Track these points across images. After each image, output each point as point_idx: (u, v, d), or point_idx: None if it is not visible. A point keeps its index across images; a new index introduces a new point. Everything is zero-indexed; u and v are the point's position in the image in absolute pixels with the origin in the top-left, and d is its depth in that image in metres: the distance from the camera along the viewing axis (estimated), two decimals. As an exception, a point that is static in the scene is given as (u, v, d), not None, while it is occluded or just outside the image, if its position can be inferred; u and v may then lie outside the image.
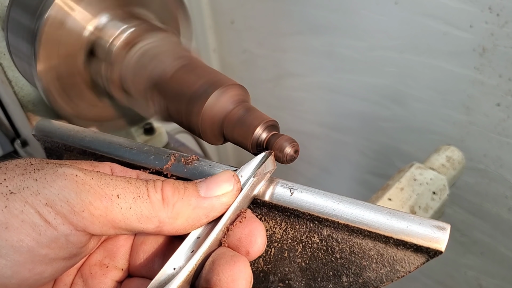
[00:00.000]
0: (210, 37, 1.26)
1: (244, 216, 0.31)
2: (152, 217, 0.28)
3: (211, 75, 0.39)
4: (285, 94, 1.16)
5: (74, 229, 0.27)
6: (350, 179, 1.15)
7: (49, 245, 0.26)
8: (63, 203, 0.27)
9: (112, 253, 0.33)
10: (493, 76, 0.70)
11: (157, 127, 0.70)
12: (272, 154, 0.33)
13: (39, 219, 0.26)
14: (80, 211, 0.27)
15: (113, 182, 0.28)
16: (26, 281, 0.26)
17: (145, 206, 0.28)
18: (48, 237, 0.26)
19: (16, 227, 0.25)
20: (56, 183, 0.27)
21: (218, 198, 0.30)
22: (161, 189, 0.29)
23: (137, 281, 0.32)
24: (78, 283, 0.32)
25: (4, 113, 0.66)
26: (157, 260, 0.32)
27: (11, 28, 0.47)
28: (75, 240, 0.28)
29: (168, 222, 0.29)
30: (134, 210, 0.28)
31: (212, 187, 0.30)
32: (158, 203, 0.29)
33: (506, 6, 0.63)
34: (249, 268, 0.28)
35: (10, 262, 0.25)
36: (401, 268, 0.29)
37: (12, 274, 0.25)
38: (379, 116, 0.94)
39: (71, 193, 0.27)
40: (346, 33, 0.89)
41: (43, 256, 0.26)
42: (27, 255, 0.26)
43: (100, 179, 0.28)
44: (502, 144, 0.75)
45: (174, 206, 0.29)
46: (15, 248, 0.25)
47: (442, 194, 0.56)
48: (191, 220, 0.29)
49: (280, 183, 0.32)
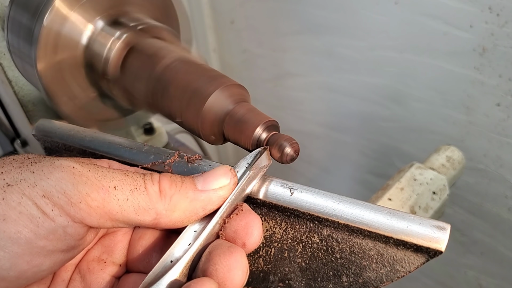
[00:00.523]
0: (210, 37, 1.25)
1: (241, 209, 0.31)
2: (149, 209, 0.29)
3: (211, 75, 0.39)
4: (285, 94, 1.16)
5: (72, 221, 0.27)
6: (350, 179, 1.15)
7: (47, 236, 0.26)
8: (60, 194, 0.27)
9: (110, 248, 0.33)
10: (493, 76, 0.70)
11: (157, 127, 0.70)
12: (267, 149, 0.34)
13: (36, 211, 0.26)
14: (77, 202, 0.27)
15: (110, 174, 0.29)
16: (24, 274, 0.26)
17: (142, 198, 0.29)
18: (45, 229, 0.26)
19: (14, 219, 0.25)
20: (53, 175, 0.27)
21: (215, 191, 0.30)
22: (158, 182, 0.29)
23: (135, 276, 0.33)
24: (76, 278, 0.32)
25: (4, 113, 0.66)
26: (155, 255, 0.33)
27: (11, 28, 0.47)
28: (72, 232, 0.28)
29: (165, 215, 0.29)
30: (131, 202, 0.28)
31: (209, 180, 0.30)
32: (155, 195, 0.29)
33: (506, 6, 0.63)
34: (245, 259, 0.28)
35: (8, 254, 0.25)
36: (401, 268, 0.29)
37: (11, 266, 0.25)
38: (379, 116, 0.94)
39: (68, 185, 0.27)
40: (346, 33, 0.89)
41: (41, 248, 0.26)
42: (25, 246, 0.26)
43: (97, 171, 0.28)
44: (502, 144, 0.75)
45: (171, 199, 0.29)
46: (13, 239, 0.25)
47: (442, 194, 0.56)
48: (188, 213, 0.30)
49: (280, 183, 0.32)
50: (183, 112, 0.39)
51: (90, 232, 0.30)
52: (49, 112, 0.57)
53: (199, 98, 0.37)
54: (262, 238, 0.31)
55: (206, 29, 1.23)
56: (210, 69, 0.40)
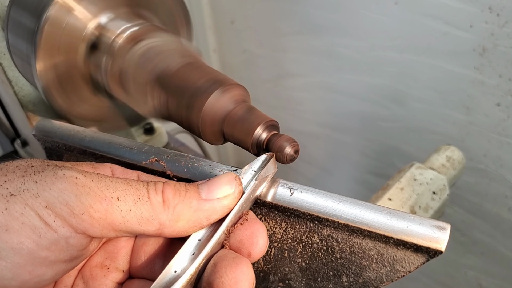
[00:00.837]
0: (210, 37, 1.25)
1: (246, 219, 0.31)
2: (153, 219, 0.28)
3: (212, 75, 0.39)
4: (285, 94, 1.16)
5: (74, 232, 0.27)
6: (350, 179, 1.15)
7: (49, 247, 0.26)
8: (62, 205, 0.26)
9: (113, 254, 0.33)
10: (493, 76, 0.70)
11: (157, 127, 0.70)
12: (273, 156, 0.33)
13: (39, 222, 0.26)
14: (80, 213, 0.27)
15: (113, 184, 0.28)
16: (26, 284, 0.26)
17: (146, 209, 0.28)
18: (48, 240, 0.26)
19: (16, 229, 0.25)
20: (56, 186, 0.27)
21: (220, 200, 0.29)
22: (161, 191, 0.29)
23: (138, 282, 0.32)
24: (79, 284, 0.32)
25: (4, 113, 0.66)
26: (158, 261, 0.32)
27: (11, 28, 0.47)
28: (75, 243, 0.27)
29: (169, 225, 0.29)
30: (134, 213, 0.28)
31: (214, 189, 0.30)
32: (158, 205, 0.29)
33: (506, 6, 0.63)
34: (251, 270, 0.28)
35: (10, 264, 0.25)
36: (401, 268, 0.29)
37: (13, 276, 0.25)
38: (379, 116, 0.94)
39: (71, 196, 0.27)
40: (346, 33, 0.89)
41: (43, 258, 0.26)
42: (27, 257, 0.26)
43: (100, 182, 0.28)
44: (502, 144, 0.75)
45: (174, 209, 0.29)
46: (15, 250, 0.25)
47: (442, 194, 0.56)
48: (192, 223, 0.29)
49: (280, 183, 0.32)
50: (183, 111, 0.39)
51: (93, 242, 0.30)
52: (49, 112, 0.57)
53: (199, 98, 0.37)
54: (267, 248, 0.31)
55: (206, 29, 1.23)
56: (211, 69, 0.40)
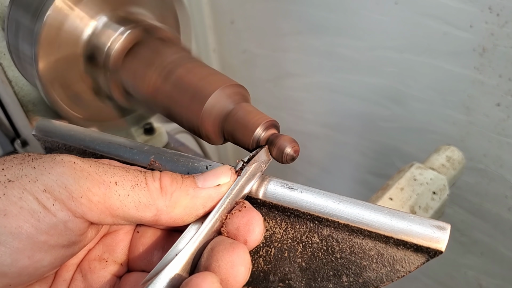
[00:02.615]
0: (210, 37, 1.25)
1: (244, 206, 0.31)
2: (150, 205, 0.29)
3: (211, 75, 0.39)
4: (285, 94, 1.16)
5: (73, 215, 0.27)
6: (350, 179, 1.15)
7: (48, 231, 0.26)
8: (61, 189, 0.27)
9: (111, 247, 0.33)
10: (493, 76, 0.70)
11: (157, 127, 0.70)
12: (265, 146, 0.34)
13: (37, 206, 0.26)
14: (79, 197, 0.27)
15: (111, 170, 0.29)
16: (25, 270, 0.26)
17: (143, 194, 0.29)
18: (47, 224, 0.26)
19: (14, 214, 0.25)
20: (55, 170, 0.27)
21: (216, 188, 0.30)
22: (159, 179, 0.30)
23: (136, 274, 0.33)
24: (78, 278, 0.32)
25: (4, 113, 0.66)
26: (156, 253, 0.33)
27: (11, 28, 0.47)
28: (73, 227, 0.28)
29: (166, 211, 0.29)
30: (132, 198, 0.28)
31: (210, 178, 0.31)
32: (156, 192, 0.29)
33: (506, 6, 0.63)
34: (248, 255, 0.28)
35: (9, 249, 0.25)
36: (401, 268, 0.29)
37: (12, 261, 0.25)
38: (379, 116, 0.94)
39: (70, 179, 0.27)
40: (346, 33, 0.89)
41: (42, 242, 0.26)
42: (26, 241, 0.26)
43: (98, 167, 0.29)
44: (502, 144, 0.75)
45: (172, 195, 0.29)
46: (14, 234, 0.25)
47: (442, 194, 0.56)
48: (188, 210, 0.30)
49: (280, 183, 0.32)
50: (183, 112, 0.39)
51: (91, 229, 0.30)
52: (49, 112, 0.57)
53: (199, 98, 0.37)
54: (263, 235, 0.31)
55: (206, 29, 1.23)
56: (211, 69, 0.41)
